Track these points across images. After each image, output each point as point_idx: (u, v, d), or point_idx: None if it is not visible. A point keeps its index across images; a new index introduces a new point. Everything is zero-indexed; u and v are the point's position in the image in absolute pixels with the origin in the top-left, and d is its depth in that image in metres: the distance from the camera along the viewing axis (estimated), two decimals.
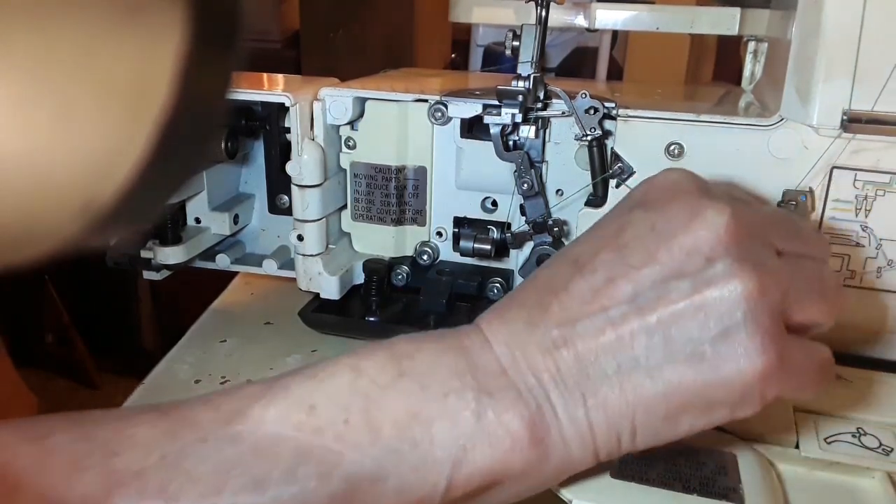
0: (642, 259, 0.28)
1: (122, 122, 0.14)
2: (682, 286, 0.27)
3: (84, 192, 0.14)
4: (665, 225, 0.28)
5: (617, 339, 0.27)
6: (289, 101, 0.45)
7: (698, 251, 0.27)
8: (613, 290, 0.28)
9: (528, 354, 0.28)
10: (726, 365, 0.27)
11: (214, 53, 0.15)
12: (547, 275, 0.31)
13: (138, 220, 0.16)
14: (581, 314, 0.28)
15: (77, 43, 0.13)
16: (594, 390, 0.27)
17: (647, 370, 0.27)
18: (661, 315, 0.27)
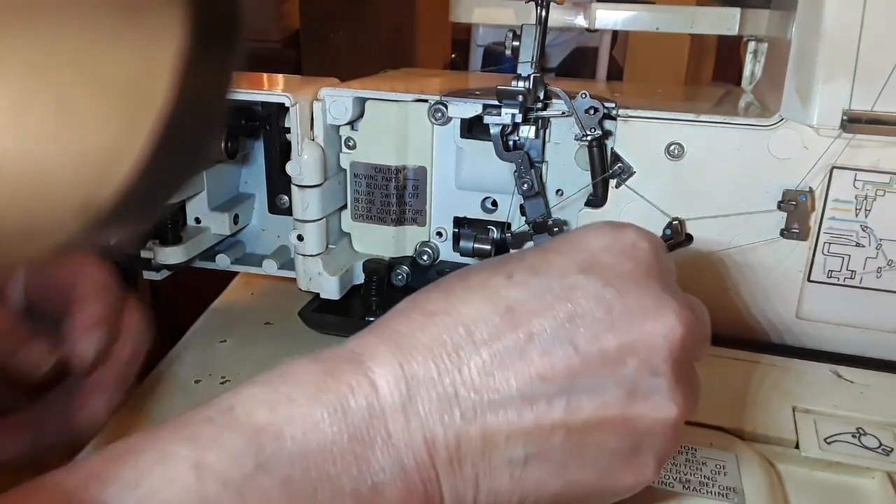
0: (589, 344, 0.25)
1: (122, 122, 0.14)
2: (619, 392, 0.25)
3: (84, 192, 0.14)
4: (622, 315, 0.25)
5: (535, 428, 0.25)
6: (289, 101, 0.45)
7: (647, 361, 0.25)
8: (546, 370, 0.24)
9: (426, 421, 0.24)
10: (626, 478, 0.26)
11: (214, 53, 0.15)
12: (468, 311, 0.25)
13: (138, 220, 0.16)
14: (503, 385, 0.24)
15: (77, 43, 0.13)
16: (491, 476, 0.25)
17: (552, 466, 0.25)
18: (590, 420, 0.25)
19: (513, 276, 0.26)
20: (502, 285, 0.26)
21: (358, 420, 0.23)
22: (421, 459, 0.24)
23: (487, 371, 0.24)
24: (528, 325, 0.25)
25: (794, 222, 0.41)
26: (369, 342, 0.25)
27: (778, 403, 0.38)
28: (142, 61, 0.14)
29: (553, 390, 0.25)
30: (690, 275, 0.44)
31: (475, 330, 0.25)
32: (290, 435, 0.22)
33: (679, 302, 0.26)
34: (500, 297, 0.26)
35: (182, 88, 0.14)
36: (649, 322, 0.25)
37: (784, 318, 0.43)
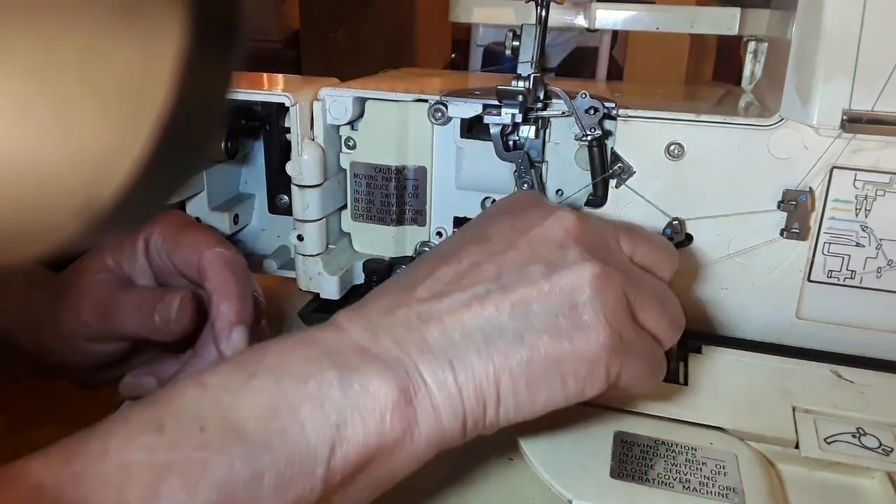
0: (503, 248, 0.31)
1: (122, 123, 0.14)
2: (539, 268, 0.30)
3: (84, 192, 0.14)
4: (523, 223, 0.32)
5: (482, 310, 0.29)
6: (289, 101, 0.45)
7: (552, 240, 0.31)
8: (479, 272, 0.30)
9: (392, 332, 0.29)
10: (577, 335, 0.30)
11: (214, 53, 0.15)
12: (408, 271, 0.33)
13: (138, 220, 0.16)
14: (447, 291, 0.30)
15: (77, 43, 0.13)
16: (462, 356, 0.29)
17: (510, 338, 0.29)
18: (523, 292, 0.30)
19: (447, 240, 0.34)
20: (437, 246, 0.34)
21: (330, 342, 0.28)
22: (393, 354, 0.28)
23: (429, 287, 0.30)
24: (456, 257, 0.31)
25: (794, 222, 0.41)
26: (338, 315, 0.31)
27: (778, 403, 0.38)
28: (142, 61, 0.14)
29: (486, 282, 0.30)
30: (691, 275, 0.44)
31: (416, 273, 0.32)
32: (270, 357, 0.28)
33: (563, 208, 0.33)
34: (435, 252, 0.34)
35: (182, 88, 0.14)
36: (544, 220, 0.32)
37: (784, 318, 0.43)
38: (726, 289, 0.44)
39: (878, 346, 0.42)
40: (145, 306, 0.38)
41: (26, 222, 0.15)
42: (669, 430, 0.36)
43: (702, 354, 0.42)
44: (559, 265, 0.31)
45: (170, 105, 0.14)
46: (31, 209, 0.14)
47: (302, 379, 0.26)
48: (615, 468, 0.33)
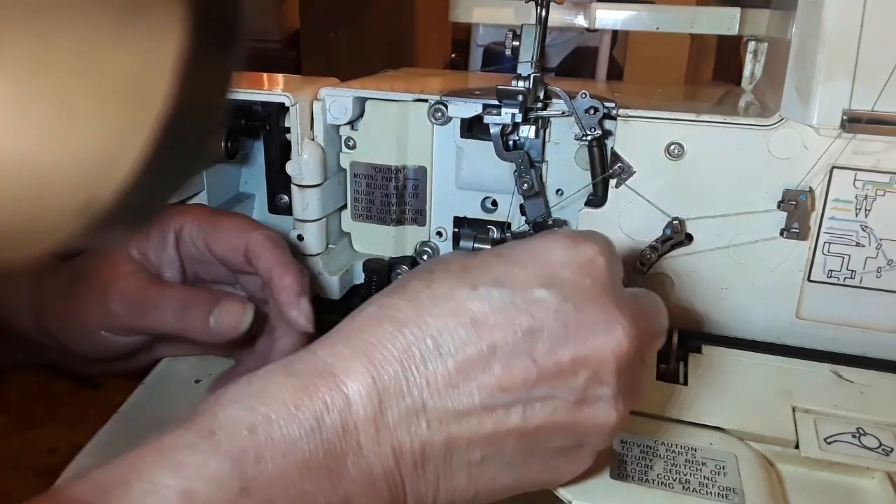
0: (545, 357, 0.27)
1: (122, 122, 0.14)
2: (569, 400, 0.27)
3: (84, 192, 0.14)
4: (576, 328, 0.27)
5: (493, 434, 0.27)
6: (289, 101, 0.45)
7: (596, 373, 0.27)
8: (507, 381, 0.26)
9: (395, 431, 0.25)
10: (566, 470, 0.30)
11: (214, 53, 0.15)
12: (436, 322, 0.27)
13: (138, 220, 0.16)
14: (467, 396, 0.26)
15: (77, 43, 0.13)
16: (449, 478, 0.27)
17: (505, 464, 0.28)
18: (541, 425, 0.27)
19: (477, 287, 0.27)
20: (467, 297, 0.27)
21: (332, 436, 0.24)
22: (388, 468, 0.25)
23: (453, 382, 0.26)
24: (491, 338, 0.26)
25: (794, 222, 0.41)
26: (341, 353, 0.26)
27: (778, 403, 0.38)
28: (142, 61, 0.14)
29: (511, 399, 0.26)
30: (691, 275, 0.44)
31: (442, 342, 0.26)
32: (270, 457, 0.23)
33: (627, 318, 0.28)
34: (466, 309, 0.27)
35: (182, 88, 0.14)
36: (600, 338, 0.27)
37: (784, 318, 0.43)
38: (726, 289, 0.44)
39: (878, 346, 0.42)
40: (193, 305, 0.38)
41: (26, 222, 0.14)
42: (669, 431, 0.36)
43: (702, 354, 0.42)
44: (589, 404, 0.28)
45: (170, 105, 0.14)
46: (32, 209, 0.14)
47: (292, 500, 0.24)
48: (615, 469, 0.33)
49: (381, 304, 0.28)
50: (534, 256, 0.29)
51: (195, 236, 0.40)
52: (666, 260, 0.44)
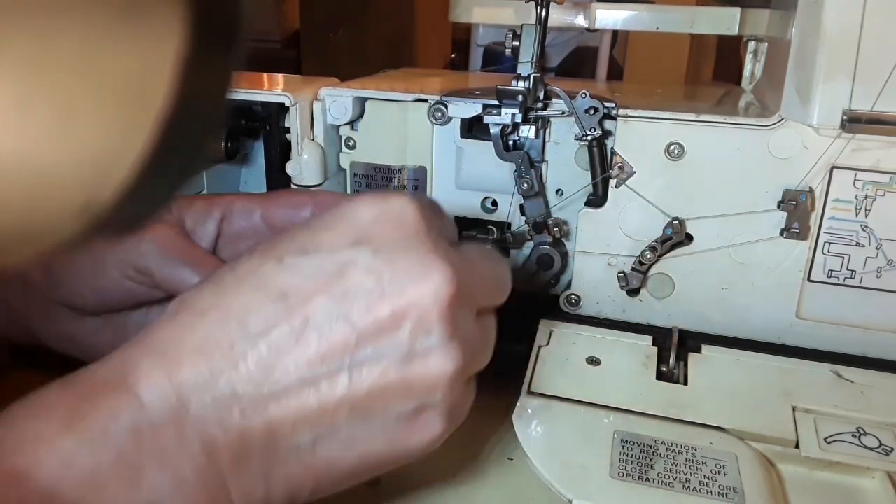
0: (363, 316, 0.25)
1: (122, 122, 0.14)
2: (396, 357, 0.25)
3: (84, 192, 0.14)
4: (391, 281, 0.25)
5: (320, 410, 0.24)
6: (289, 101, 0.45)
7: (420, 322, 0.25)
8: (327, 350, 0.24)
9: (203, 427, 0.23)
10: (414, 438, 0.27)
11: (214, 54, 0.15)
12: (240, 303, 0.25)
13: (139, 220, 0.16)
14: (283, 374, 0.24)
15: (77, 43, 0.13)
16: (280, 468, 0.24)
17: (343, 446, 0.26)
18: (372, 389, 0.25)
19: (283, 259, 0.26)
20: (273, 271, 0.25)
21: (123, 443, 0.22)
22: (200, 467, 0.23)
23: (266, 363, 0.24)
24: (303, 309, 0.25)
25: (794, 222, 0.41)
26: (131, 355, 0.24)
27: (778, 403, 0.38)
28: (142, 61, 0.14)
29: (334, 368, 0.25)
30: (691, 275, 0.44)
31: (248, 323, 0.24)
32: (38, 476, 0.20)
33: (444, 261, 0.26)
34: (272, 283, 0.25)
35: (182, 88, 0.14)
36: (418, 285, 0.25)
37: (784, 318, 0.43)
38: (726, 289, 0.44)
39: (878, 346, 0.42)
40: None
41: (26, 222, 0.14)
42: (669, 430, 0.36)
43: (702, 354, 0.42)
44: (419, 356, 0.26)
45: (170, 105, 0.14)
46: (32, 209, 0.14)
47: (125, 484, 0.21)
48: (615, 468, 0.33)
49: (182, 298, 0.26)
50: (340, 218, 0.27)
51: (249, 208, 0.38)
52: (666, 260, 0.44)
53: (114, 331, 0.39)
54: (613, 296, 0.45)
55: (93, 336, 0.39)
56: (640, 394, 0.38)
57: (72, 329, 0.38)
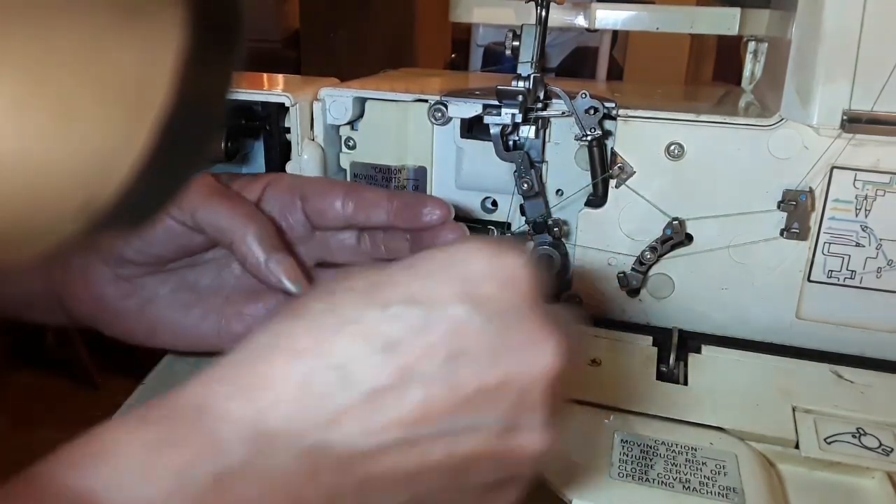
0: (469, 382, 0.24)
1: (122, 122, 0.14)
2: (497, 428, 0.24)
3: (84, 192, 0.14)
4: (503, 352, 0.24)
5: (416, 472, 0.23)
6: (289, 101, 0.45)
7: (525, 396, 0.25)
8: (428, 411, 0.23)
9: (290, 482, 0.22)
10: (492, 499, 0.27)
11: (214, 54, 0.15)
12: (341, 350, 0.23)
13: (138, 221, 0.16)
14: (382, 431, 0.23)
15: (77, 43, 0.13)
16: None
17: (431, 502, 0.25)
18: (469, 456, 0.24)
19: (389, 306, 0.24)
20: (377, 319, 0.24)
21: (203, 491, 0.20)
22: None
23: (365, 418, 0.22)
24: (407, 363, 0.23)
25: (794, 222, 0.41)
26: (217, 392, 0.22)
27: (778, 403, 0.38)
28: (142, 61, 0.14)
29: (434, 432, 0.23)
30: (691, 275, 0.44)
31: (349, 372, 0.23)
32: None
33: (556, 335, 0.25)
34: (377, 332, 0.23)
35: (182, 88, 0.14)
36: (529, 358, 0.24)
37: (784, 318, 0.43)
38: (726, 289, 0.44)
39: (878, 346, 0.42)
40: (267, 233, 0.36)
41: (26, 222, 0.14)
42: (669, 430, 0.36)
43: (702, 354, 0.42)
44: (518, 430, 0.25)
45: (170, 105, 0.14)
46: (31, 209, 0.14)
47: None
48: (615, 468, 0.33)
49: (274, 332, 0.24)
50: (451, 269, 0.25)
51: (292, 187, 0.39)
52: (666, 260, 0.44)
53: (142, 301, 0.39)
54: (613, 296, 0.45)
55: (122, 302, 0.38)
56: (640, 394, 0.38)
57: (104, 292, 0.38)
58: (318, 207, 0.39)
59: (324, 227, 0.40)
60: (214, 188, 0.36)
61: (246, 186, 0.39)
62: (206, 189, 0.36)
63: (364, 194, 0.38)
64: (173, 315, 0.39)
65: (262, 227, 0.36)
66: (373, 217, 0.38)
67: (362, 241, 0.41)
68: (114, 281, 0.38)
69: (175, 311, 0.39)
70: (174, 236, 0.37)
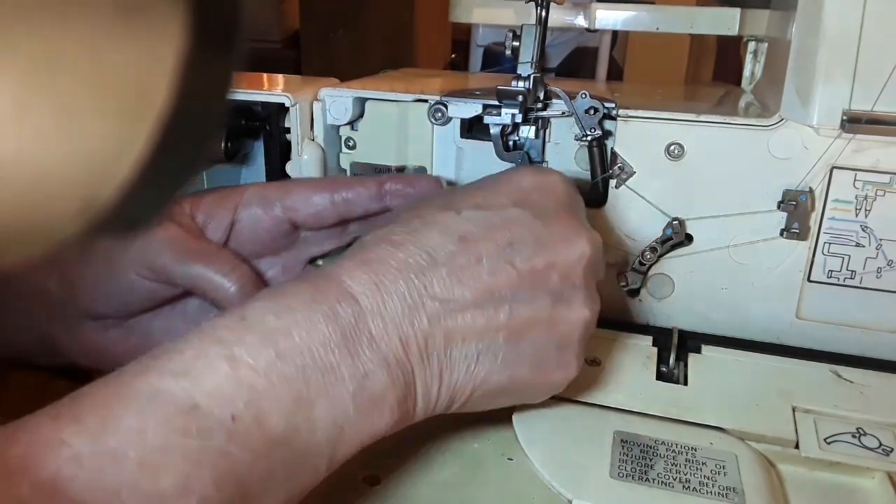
0: (524, 263, 0.31)
1: (123, 122, 0.14)
2: (547, 300, 0.31)
3: (84, 193, 0.14)
4: (547, 240, 0.32)
5: (485, 329, 0.30)
6: (289, 101, 0.45)
7: (567, 275, 0.32)
8: (494, 283, 0.30)
9: (401, 326, 0.29)
10: (554, 373, 0.33)
11: (214, 54, 0.15)
12: (428, 240, 0.31)
13: (139, 221, 0.16)
14: (460, 296, 0.30)
15: (77, 43, 0.13)
16: (452, 370, 0.30)
17: (498, 362, 0.31)
18: (525, 322, 0.31)
19: (461, 211, 0.32)
20: (453, 219, 0.32)
21: (346, 323, 0.28)
22: (398, 355, 0.28)
23: (447, 285, 0.30)
24: (476, 250, 0.31)
25: (794, 222, 0.41)
26: (346, 265, 0.30)
27: (778, 403, 0.38)
28: (142, 61, 0.14)
29: (498, 300, 0.30)
30: (691, 275, 0.44)
31: (435, 254, 0.30)
32: (296, 333, 0.27)
33: (588, 230, 0.33)
34: (453, 229, 0.31)
35: (182, 88, 0.14)
36: (568, 246, 0.32)
37: (784, 318, 0.43)
38: (726, 289, 0.44)
39: (878, 346, 0.42)
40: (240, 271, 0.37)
41: (26, 223, 0.14)
42: (669, 430, 0.36)
43: (702, 354, 0.42)
44: (564, 302, 0.32)
45: (170, 105, 0.14)
46: (32, 209, 0.14)
47: (321, 370, 0.27)
48: (615, 468, 0.33)
49: (376, 233, 0.32)
50: (507, 183, 0.34)
51: (269, 198, 0.40)
52: (666, 260, 0.44)
53: (139, 339, 0.40)
54: (613, 296, 0.45)
55: (118, 345, 0.39)
56: (640, 394, 0.38)
57: (98, 341, 0.39)
58: (308, 213, 0.40)
59: (318, 228, 0.41)
60: (183, 245, 0.37)
61: (219, 205, 0.40)
62: (174, 246, 0.37)
63: (354, 189, 0.40)
64: None
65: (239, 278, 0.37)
66: (368, 209, 0.40)
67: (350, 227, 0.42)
68: (103, 329, 0.39)
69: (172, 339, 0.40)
70: (149, 292, 0.38)
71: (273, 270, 0.43)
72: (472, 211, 0.32)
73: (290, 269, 0.43)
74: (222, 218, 0.40)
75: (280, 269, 0.43)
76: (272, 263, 0.43)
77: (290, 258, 0.42)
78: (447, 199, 0.33)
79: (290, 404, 0.26)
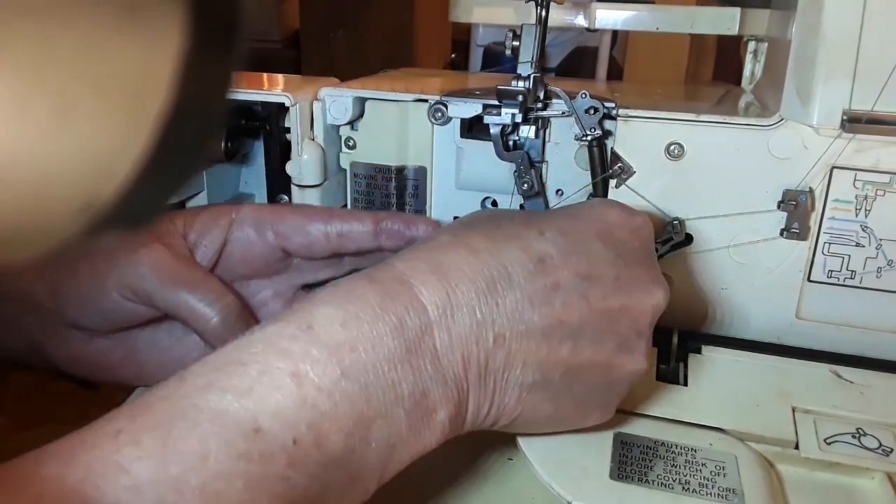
0: (598, 301, 0.30)
1: (122, 122, 0.14)
2: (612, 344, 0.31)
3: (84, 192, 0.14)
4: (625, 282, 0.31)
5: (546, 360, 0.29)
6: (289, 101, 0.45)
7: (636, 323, 0.31)
8: (564, 316, 0.29)
9: (465, 342, 0.28)
10: (593, 413, 0.33)
11: (214, 53, 0.15)
12: (508, 254, 0.30)
13: (138, 221, 0.16)
14: (530, 321, 0.29)
15: (77, 42, 0.13)
16: (504, 393, 0.29)
17: (549, 394, 0.30)
18: (585, 361, 0.30)
19: (544, 233, 0.31)
20: (535, 239, 0.30)
21: (412, 335, 0.27)
22: (458, 374, 0.28)
23: (519, 308, 0.29)
24: (554, 277, 0.30)
25: (794, 222, 0.41)
26: (419, 268, 0.29)
27: (778, 403, 0.38)
28: (142, 61, 0.14)
29: (566, 333, 0.30)
30: (691, 275, 0.44)
31: (512, 272, 0.29)
32: (362, 349, 0.26)
33: (664, 282, 0.33)
34: (535, 248, 0.30)
35: (182, 88, 0.14)
36: (645, 293, 0.31)
37: (784, 318, 0.43)
38: (726, 289, 0.44)
39: (878, 346, 0.42)
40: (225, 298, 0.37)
41: (26, 222, 0.14)
42: (669, 431, 0.36)
43: (702, 354, 0.42)
44: (627, 350, 0.31)
45: (170, 105, 0.14)
46: (31, 209, 0.14)
47: (382, 388, 0.26)
48: (615, 469, 0.33)
49: (455, 234, 0.31)
50: (593, 215, 0.33)
51: (262, 221, 0.39)
52: (666, 260, 0.44)
53: (124, 351, 0.40)
54: None
55: (104, 356, 0.39)
56: (639, 394, 0.38)
57: (84, 350, 0.39)
58: (300, 243, 0.39)
59: (308, 258, 0.41)
60: (168, 270, 0.36)
61: (212, 224, 0.39)
62: (159, 271, 0.36)
63: (349, 222, 0.39)
64: (158, 356, 0.40)
65: (222, 309, 0.36)
66: (362, 246, 0.39)
67: (346, 259, 0.41)
68: (90, 340, 0.39)
69: (158, 352, 0.40)
70: (131, 312, 0.37)
71: (263, 293, 0.42)
72: (555, 234, 0.31)
73: (282, 294, 0.42)
74: (215, 237, 0.39)
75: (271, 293, 0.42)
76: (263, 286, 0.42)
77: (283, 283, 0.42)
78: (530, 217, 0.32)
79: (350, 425, 0.25)
